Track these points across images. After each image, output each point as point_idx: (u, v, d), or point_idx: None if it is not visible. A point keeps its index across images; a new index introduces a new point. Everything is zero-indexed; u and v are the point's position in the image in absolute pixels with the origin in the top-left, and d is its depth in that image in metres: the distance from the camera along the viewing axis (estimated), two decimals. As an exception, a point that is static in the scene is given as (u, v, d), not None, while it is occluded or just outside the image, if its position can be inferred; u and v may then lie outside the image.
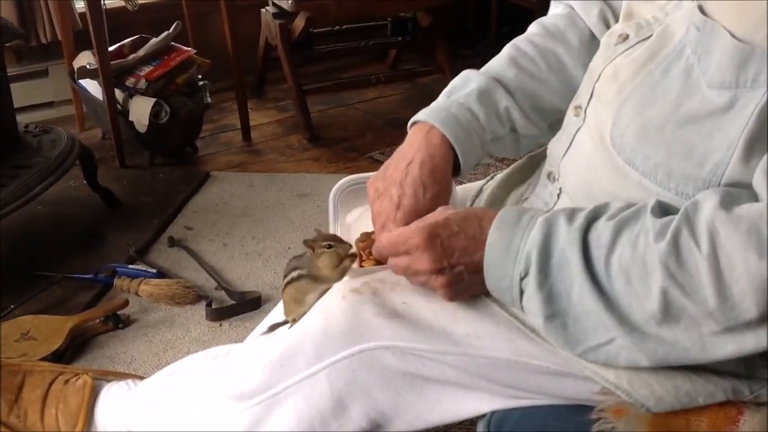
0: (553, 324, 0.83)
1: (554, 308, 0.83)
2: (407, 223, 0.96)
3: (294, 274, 1.04)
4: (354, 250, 1.05)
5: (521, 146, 1.14)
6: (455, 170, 1.08)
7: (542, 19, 1.19)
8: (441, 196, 1.02)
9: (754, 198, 0.76)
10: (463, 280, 0.90)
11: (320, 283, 1.03)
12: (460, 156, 1.05)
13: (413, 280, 0.94)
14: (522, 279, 0.84)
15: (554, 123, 1.08)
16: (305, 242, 1.03)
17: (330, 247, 1.01)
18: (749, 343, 0.76)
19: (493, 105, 1.09)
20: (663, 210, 0.80)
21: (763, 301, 0.72)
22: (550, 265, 0.82)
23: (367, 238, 1.17)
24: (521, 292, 0.85)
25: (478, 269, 0.88)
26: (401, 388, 0.94)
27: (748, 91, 0.77)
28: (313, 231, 1.05)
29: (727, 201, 0.75)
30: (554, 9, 1.21)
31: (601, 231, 0.81)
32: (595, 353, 0.83)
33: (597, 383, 0.88)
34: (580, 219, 0.83)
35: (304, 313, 1.01)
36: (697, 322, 0.76)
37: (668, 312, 0.77)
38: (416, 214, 0.97)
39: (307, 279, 1.03)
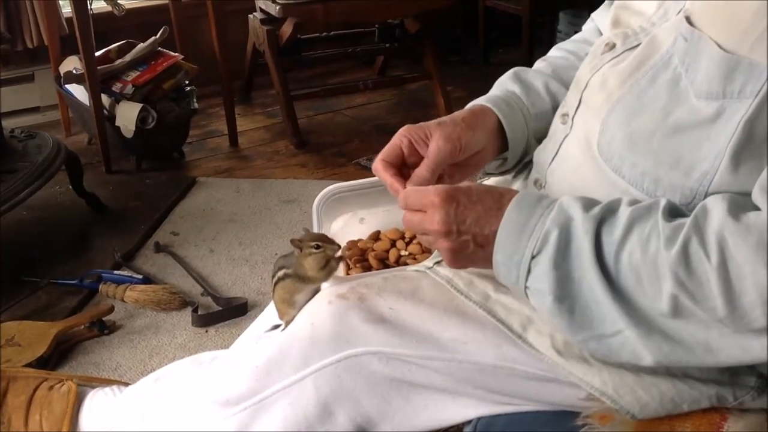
0: (561, 306, 0.82)
1: (565, 291, 0.82)
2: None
3: (280, 273, 1.04)
4: (341, 252, 1.04)
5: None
6: (503, 148, 1.08)
7: None
8: (481, 133, 1.03)
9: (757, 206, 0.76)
10: (468, 250, 0.88)
11: (307, 283, 1.03)
12: (501, 118, 1.05)
13: (421, 238, 0.93)
14: (533, 257, 0.83)
15: None
16: (292, 241, 1.02)
17: (318, 247, 1.01)
18: (755, 350, 0.76)
19: (529, 83, 1.11)
20: (674, 211, 0.80)
21: None
22: (570, 248, 0.82)
23: (353, 246, 1.17)
24: (529, 271, 0.84)
25: (485, 242, 0.87)
26: (387, 394, 0.94)
27: (735, 102, 0.77)
28: (301, 231, 1.05)
29: (735, 208, 0.75)
30: (585, 26, 1.23)
31: (614, 225, 0.80)
32: (597, 343, 0.82)
33: (583, 389, 0.88)
34: (596, 209, 0.82)
35: (295, 315, 1.01)
36: (706, 324, 0.77)
37: (677, 314, 0.77)
38: (449, 142, 0.98)
39: (293, 279, 1.03)
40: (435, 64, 3.34)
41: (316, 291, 1.04)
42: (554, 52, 1.19)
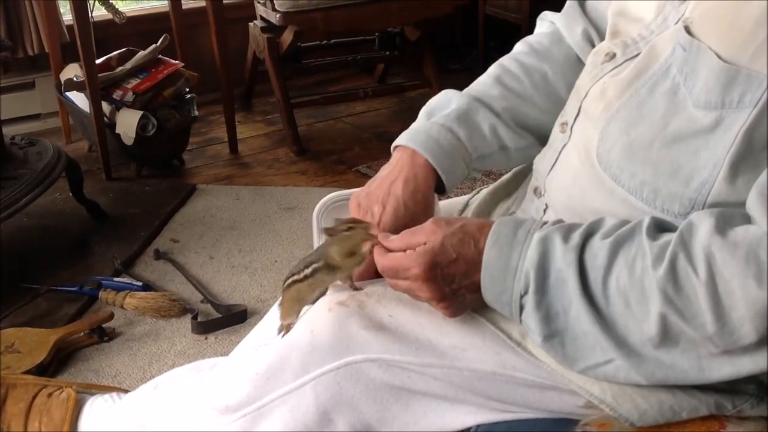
0: (552, 343, 0.84)
1: (552, 328, 0.83)
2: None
3: (308, 270, 1.01)
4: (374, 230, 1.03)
5: (512, 160, 1.15)
6: (440, 190, 1.09)
7: (528, 38, 1.20)
8: (420, 217, 1.02)
9: (747, 218, 0.76)
10: (464, 301, 0.90)
11: (337, 273, 1.00)
12: (443, 178, 1.07)
13: (413, 298, 0.94)
14: (522, 296, 0.84)
15: (542, 137, 1.09)
16: (326, 230, 1.00)
17: (350, 229, 0.99)
18: (746, 365, 0.76)
19: (476, 125, 1.10)
20: (658, 227, 0.81)
21: (762, 327, 0.72)
22: (547, 284, 0.82)
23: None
24: (521, 308, 0.85)
25: (478, 288, 0.88)
26: (387, 401, 0.94)
27: (734, 112, 0.77)
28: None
29: (722, 224, 0.75)
30: (540, 27, 1.22)
31: (597, 251, 0.81)
32: (593, 372, 0.84)
33: (582, 397, 0.88)
34: (576, 238, 0.82)
35: (296, 320, 1.01)
36: (696, 344, 0.77)
37: (666, 335, 0.77)
38: (394, 232, 0.97)
39: (323, 272, 1.00)
40: (435, 72, 3.35)
41: (323, 292, 1.03)
42: (511, 64, 1.16)
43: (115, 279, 2.14)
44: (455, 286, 0.88)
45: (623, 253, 0.79)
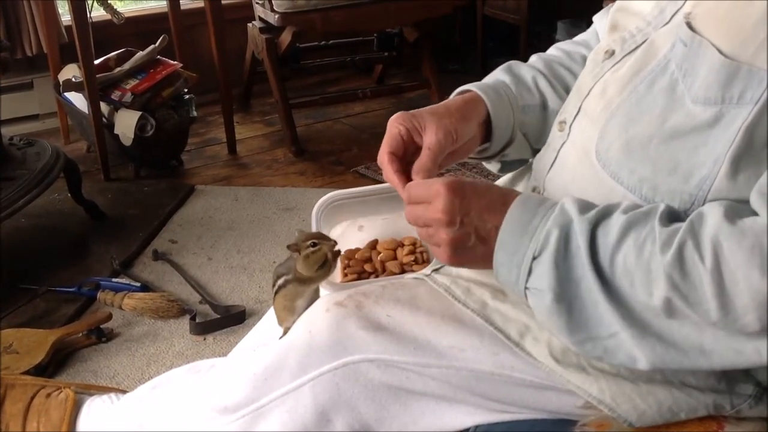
0: (560, 305, 0.82)
1: (565, 290, 0.81)
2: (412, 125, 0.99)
3: (280, 281, 1.04)
4: (339, 246, 1.05)
5: (549, 128, 1.10)
6: (488, 135, 1.07)
7: None
8: (464, 134, 1.01)
9: (755, 212, 0.76)
10: (468, 242, 0.87)
11: (308, 285, 1.03)
12: (489, 106, 1.04)
13: (421, 232, 0.92)
14: (534, 258, 0.83)
15: None
16: (289, 246, 1.02)
17: (315, 245, 1.01)
18: (748, 353, 0.76)
19: (519, 75, 1.12)
20: (672, 217, 0.80)
21: (765, 317, 0.72)
22: (569, 249, 0.82)
23: (351, 256, 1.17)
24: (529, 272, 0.83)
25: (487, 237, 0.86)
26: (385, 401, 0.94)
27: (734, 108, 0.77)
28: (296, 234, 1.05)
29: (731, 213, 0.75)
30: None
31: (610, 228, 0.80)
32: (592, 344, 0.82)
33: (580, 397, 0.88)
34: (592, 212, 0.82)
35: (294, 322, 1.02)
36: (700, 327, 0.77)
37: (671, 316, 0.77)
38: (435, 148, 0.97)
39: (294, 283, 1.03)
40: (433, 73, 3.35)
41: (316, 294, 1.04)
42: (551, 50, 1.20)
43: (114, 280, 2.14)
44: (467, 219, 0.86)
45: (634, 233, 0.79)
